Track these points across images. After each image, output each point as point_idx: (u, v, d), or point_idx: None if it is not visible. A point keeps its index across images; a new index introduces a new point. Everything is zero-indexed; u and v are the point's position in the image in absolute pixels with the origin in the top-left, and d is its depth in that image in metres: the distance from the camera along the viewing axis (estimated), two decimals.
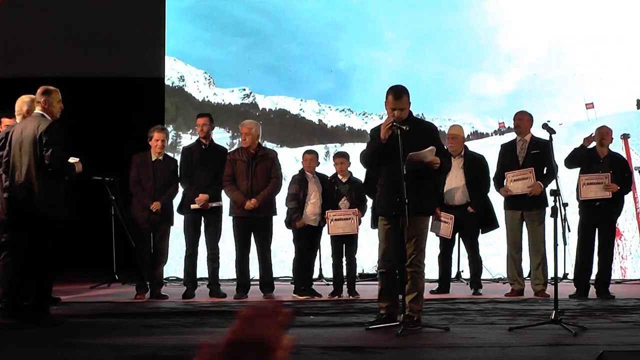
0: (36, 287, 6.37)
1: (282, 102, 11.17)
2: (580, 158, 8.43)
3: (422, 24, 11.04)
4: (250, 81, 11.07)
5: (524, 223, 8.53)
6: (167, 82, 11.00)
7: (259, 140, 8.60)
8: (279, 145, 10.84)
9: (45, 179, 6.37)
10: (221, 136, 10.80)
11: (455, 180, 8.71)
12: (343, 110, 11.13)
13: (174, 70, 11.07)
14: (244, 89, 11.13)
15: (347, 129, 11.04)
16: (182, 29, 11.00)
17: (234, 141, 10.81)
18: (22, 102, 7.01)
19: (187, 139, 10.68)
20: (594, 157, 8.44)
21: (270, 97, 11.17)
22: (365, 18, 11.09)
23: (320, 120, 11.16)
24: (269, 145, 10.44)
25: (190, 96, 11.13)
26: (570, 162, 8.47)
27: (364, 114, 10.94)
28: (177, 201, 8.68)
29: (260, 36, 10.98)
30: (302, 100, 11.17)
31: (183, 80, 11.08)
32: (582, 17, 10.91)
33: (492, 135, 10.98)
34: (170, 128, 10.98)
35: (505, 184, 8.49)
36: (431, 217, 8.51)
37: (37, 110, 6.57)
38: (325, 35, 11.05)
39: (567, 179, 8.60)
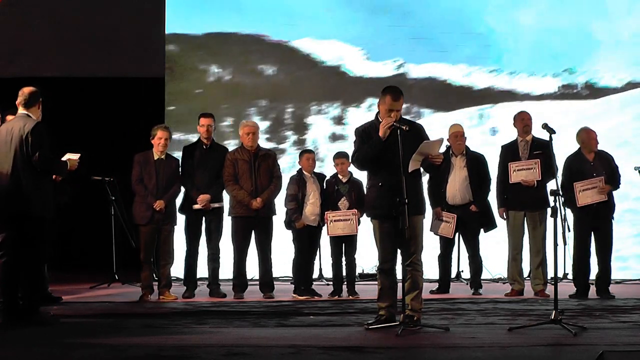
0: (26, 287, 6.35)
1: (432, 69, 11.23)
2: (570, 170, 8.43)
3: None
4: (402, 53, 11.16)
5: (525, 223, 8.54)
6: (330, 63, 11.16)
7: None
8: (433, 111, 10.98)
9: (33, 178, 6.35)
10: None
11: (457, 179, 8.71)
12: (492, 71, 11.18)
13: (334, 53, 11.17)
14: (397, 60, 11.23)
15: (496, 89, 11.17)
16: (340, 11, 11.15)
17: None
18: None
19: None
20: (582, 161, 8.42)
21: (421, 65, 11.22)
22: None
23: (469, 84, 11.21)
24: (423, 111, 10.84)
25: (348, 73, 11.23)
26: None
27: (511, 73, 11.05)
28: (178, 201, 8.67)
29: (405, 10, 11.07)
30: (450, 65, 11.19)
31: (342, 60, 11.19)
32: None
33: None
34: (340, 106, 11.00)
35: (509, 173, 8.45)
36: (431, 216, 8.58)
37: (22, 110, 6.54)
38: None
39: None
